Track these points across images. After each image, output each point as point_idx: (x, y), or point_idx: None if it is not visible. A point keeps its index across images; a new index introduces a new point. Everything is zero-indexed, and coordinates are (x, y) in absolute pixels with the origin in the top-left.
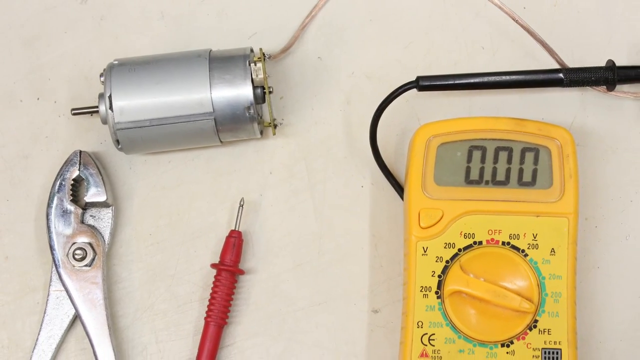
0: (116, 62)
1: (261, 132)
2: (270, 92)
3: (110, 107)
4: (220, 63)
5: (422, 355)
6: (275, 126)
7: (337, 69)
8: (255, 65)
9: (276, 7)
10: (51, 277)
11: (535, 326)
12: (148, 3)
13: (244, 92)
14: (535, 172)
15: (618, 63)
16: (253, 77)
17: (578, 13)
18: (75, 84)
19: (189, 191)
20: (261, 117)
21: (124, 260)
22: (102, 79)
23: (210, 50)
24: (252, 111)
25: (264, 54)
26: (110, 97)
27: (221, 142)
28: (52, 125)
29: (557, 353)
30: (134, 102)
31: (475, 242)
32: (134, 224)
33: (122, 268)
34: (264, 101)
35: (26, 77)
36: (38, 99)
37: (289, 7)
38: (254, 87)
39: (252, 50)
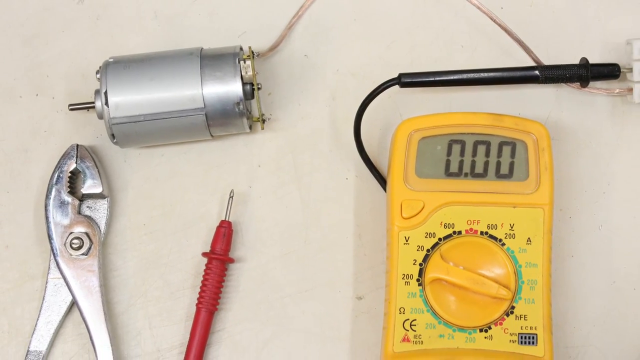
0: (112, 59)
1: (250, 127)
2: (258, 89)
3: (106, 103)
4: (211, 61)
5: (404, 340)
6: (263, 121)
7: (322, 66)
8: (245, 62)
9: (265, 8)
10: (49, 265)
11: (512, 312)
12: (142, 3)
13: (234, 88)
14: (512, 165)
15: (591, 60)
16: (242, 74)
17: (553, 13)
18: (72, 80)
19: (181, 183)
20: (250, 113)
21: (119, 249)
22: (98, 75)
23: (202, 49)
24: (241, 107)
25: (252, 52)
26: (106, 93)
27: (212, 136)
28: (50, 120)
29: (533, 338)
30: (129, 98)
31: (454, 232)
32: (128, 215)
33: (117, 257)
34: (252, 97)
35: (25, 74)
36: (37, 95)
37: (277, 7)
38: (243, 84)
39: (241, 49)
